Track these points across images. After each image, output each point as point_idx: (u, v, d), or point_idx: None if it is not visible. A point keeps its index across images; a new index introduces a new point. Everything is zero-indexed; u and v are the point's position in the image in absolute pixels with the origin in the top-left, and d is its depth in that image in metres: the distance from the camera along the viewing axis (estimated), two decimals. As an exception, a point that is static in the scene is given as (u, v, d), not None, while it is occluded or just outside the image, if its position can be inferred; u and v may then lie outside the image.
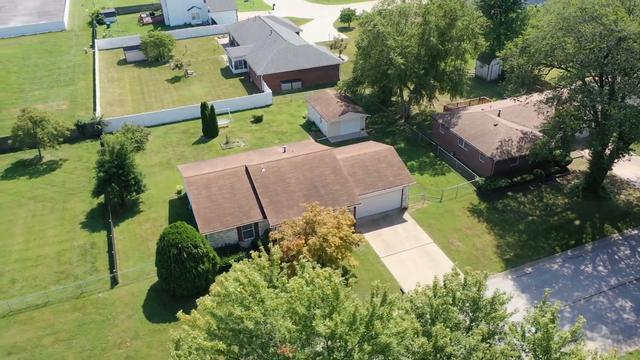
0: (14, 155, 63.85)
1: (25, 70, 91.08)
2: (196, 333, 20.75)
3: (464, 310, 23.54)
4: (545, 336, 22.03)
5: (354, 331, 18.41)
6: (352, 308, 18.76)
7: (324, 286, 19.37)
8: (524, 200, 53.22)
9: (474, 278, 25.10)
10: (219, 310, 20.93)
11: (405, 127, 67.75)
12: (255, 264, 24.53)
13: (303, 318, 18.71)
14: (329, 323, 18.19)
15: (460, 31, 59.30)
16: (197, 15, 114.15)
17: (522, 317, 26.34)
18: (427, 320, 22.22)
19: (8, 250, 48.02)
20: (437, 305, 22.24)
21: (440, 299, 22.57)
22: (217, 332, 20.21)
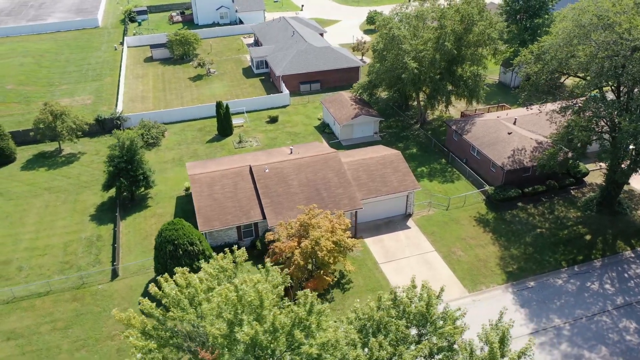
0: (36, 147, 66.13)
1: (57, 65, 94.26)
2: (128, 332, 20.99)
3: (413, 324, 22.90)
4: (490, 356, 21.21)
5: (276, 340, 18.20)
6: (271, 317, 18.52)
7: (246, 292, 19.25)
8: (534, 212, 51.63)
9: (424, 291, 24.28)
10: (157, 311, 21.08)
11: (419, 132, 66.81)
12: (218, 266, 24.56)
13: (229, 324, 18.64)
14: (247, 330, 18.08)
15: (477, 36, 58.01)
16: (225, 14, 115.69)
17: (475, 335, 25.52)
18: (369, 332, 21.74)
19: (19, 238, 49.76)
20: (379, 317, 21.72)
21: (382, 311, 22.04)
22: (152, 333, 20.39)
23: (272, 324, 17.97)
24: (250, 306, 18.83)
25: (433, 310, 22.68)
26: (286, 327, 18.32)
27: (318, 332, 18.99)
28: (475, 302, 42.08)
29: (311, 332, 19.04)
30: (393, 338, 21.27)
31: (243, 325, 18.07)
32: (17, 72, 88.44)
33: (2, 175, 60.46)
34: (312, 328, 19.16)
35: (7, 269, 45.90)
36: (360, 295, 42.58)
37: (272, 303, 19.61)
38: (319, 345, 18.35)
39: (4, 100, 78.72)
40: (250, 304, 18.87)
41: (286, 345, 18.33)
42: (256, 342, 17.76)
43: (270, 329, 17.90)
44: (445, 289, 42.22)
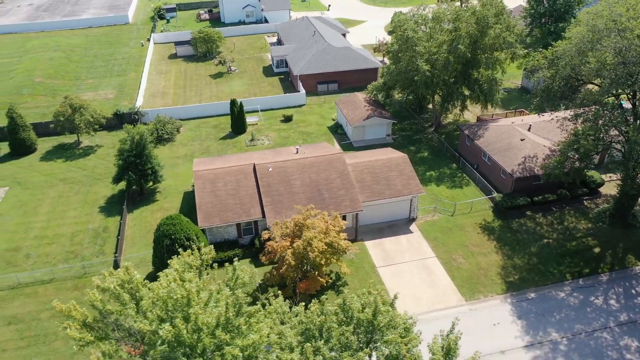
0: (57, 138, 68.23)
1: (85, 59, 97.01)
2: (67, 323, 21.39)
3: (360, 331, 22.45)
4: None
5: (200, 340, 18.17)
6: (194, 316, 18.52)
7: (173, 290, 19.30)
8: (543, 221, 50.16)
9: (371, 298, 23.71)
10: (100, 304, 21.42)
11: (433, 135, 65.84)
12: (184, 262, 24.79)
13: (159, 320, 18.79)
14: (168, 327, 18.13)
15: (493, 40, 56.71)
16: (251, 13, 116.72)
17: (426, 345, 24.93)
18: (311, 336, 21.41)
19: (30, 227, 51.46)
20: (320, 322, 21.37)
21: (323, 317, 21.68)
22: (92, 325, 20.75)
23: (195, 323, 18.03)
24: (176, 304, 18.95)
25: (380, 319, 22.25)
26: (210, 327, 18.35)
27: (249, 334, 18.97)
28: (471, 311, 41.22)
29: (241, 333, 19.02)
30: (336, 344, 20.96)
31: (167, 322, 18.24)
32: (47, 65, 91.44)
33: (22, 165, 62.64)
34: (242, 329, 19.12)
35: (15, 256, 47.54)
36: (354, 298, 42.24)
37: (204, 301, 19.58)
38: (243, 347, 18.27)
39: (32, 92, 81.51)
40: (177, 302, 18.98)
41: (216, 345, 18.37)
42: (180, 340, 17.87)
43: (194, 328, 17.98)
44: (440, 296, 42.06)
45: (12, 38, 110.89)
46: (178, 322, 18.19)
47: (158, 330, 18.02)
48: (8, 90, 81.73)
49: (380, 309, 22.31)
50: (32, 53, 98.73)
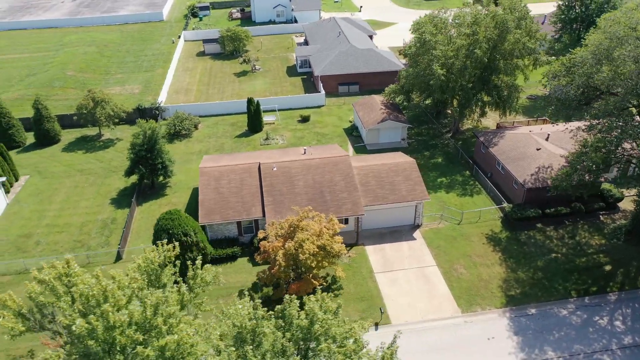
0: (80, 130, 70.39)
1: (117, 55, 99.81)
2: (1, 312, 21.74)
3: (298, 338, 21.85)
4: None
5: (112, 338, 18.13)
6: (105, 313, 18.47)
7: (92, 287, 19.31)
8: (553, 234, 48.27)
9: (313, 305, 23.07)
10: (37, 296, 21.67)
11: (449, 141, 64.40)
12: (144, 258, 24.97)
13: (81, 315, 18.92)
14: (80, 322, 18.18)
15: (512, 45, 54.95)
16: (281, 13, 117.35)
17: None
18: (242, 340, 20.97)
19: (44, 215, 53.24)
20: (251, 326, 20.89)
21: (253, 322, 21.19)
22: (28, 315, 21.05)
23: (106, 320, 18.08)
24: (90, 300, 19.03)
25: (316, 327, 21.65)
26: (124, 326, 18.31)
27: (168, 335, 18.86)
28: (467, 323, 40.08)
29: (159, 333, 18.91)
30: (269, 349, 20.54)
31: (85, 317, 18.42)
32: (80, 59, 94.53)
33: (44, 155, 64.95)
34: (162, 329, 19.03)
35: (26, 242, 49.28)
36: (348, 303, 41.80)
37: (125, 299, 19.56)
38: (158, 347, 18.15)
39: (63, 85, 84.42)
40: (92, 298, 19.04)
41: (134, 344, 18.36)
42: (94, 336, 17.94)
43: (106, 325, 18.02)
44: (436, 306, 41.04)
45: (52, 32, 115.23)
46: (92, 318, 18.37)
47: (72, 325, 18.26)
48: (42, 82, 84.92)
49: (317, 317, 21.79)
50: (68, 47, 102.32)
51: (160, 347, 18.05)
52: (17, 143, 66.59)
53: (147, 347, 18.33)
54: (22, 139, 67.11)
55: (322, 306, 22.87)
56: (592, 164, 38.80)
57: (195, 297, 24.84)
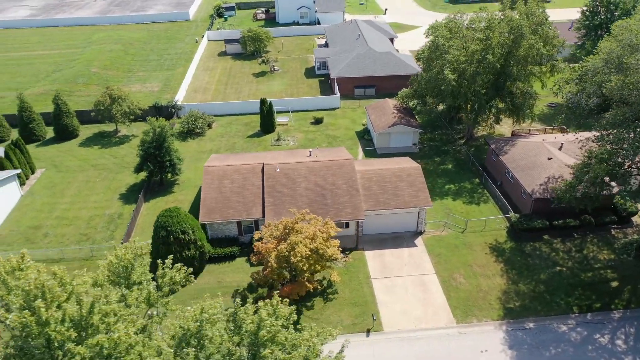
0: (99, 126, 72.10)
1: (141, 53, 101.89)
2: None
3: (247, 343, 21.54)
4: None
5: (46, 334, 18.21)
6: (38, 309, 18.55)
7: (30, 282, 19.47)
8: (560, 247, 46.81)
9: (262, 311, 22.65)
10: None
11: (461, 148, 63.25)
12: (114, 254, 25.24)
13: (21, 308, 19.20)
14: (14, 317, 18.36)
15: (526, 51, 53.58)
16: (305, 14, 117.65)
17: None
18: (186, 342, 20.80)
19: (54, 207, 54.67)
20: (192, 329, 20.68)
21: (197, 324, 20.95)
22: None
23: (39, 316, 18.26)
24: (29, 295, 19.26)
25: (263, 332, 21.32)
26: (57, 322, 18.46)
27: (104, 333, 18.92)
28: (460, 334, 39.23)
29: (95, 331, 18.97)
30: (213, 353, 20.36)
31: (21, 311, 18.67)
32: (105, 57, 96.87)
33: (62, 149, 66.74)
34: (99, 328, 19.10)
35: (35, 234, 50.70)
36: (341, 308, 41.53)
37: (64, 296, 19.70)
38: (91, 345, 18.21)
39: (86, 81, 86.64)
40: (30, 293, 19.28)
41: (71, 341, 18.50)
42: (29, 331, 18.18)
43: (38, 321, 18.22)
44: (430, 314, 40.31)
45: (83, 30, 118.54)
46: (26, 313, 18.65)
47: (5, 319, 18.59)
48: (66, 78, 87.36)
49: (265, 323, 21.54)
50: (95, 44, 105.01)
51: (93, 345, 18.24)
52: (37, 137, 68.63)
53: (81, 344, 18.55)
54: (42, 133, 69.12)
55: (275, 311, 22.69)
56: (596, 176, 37.40)
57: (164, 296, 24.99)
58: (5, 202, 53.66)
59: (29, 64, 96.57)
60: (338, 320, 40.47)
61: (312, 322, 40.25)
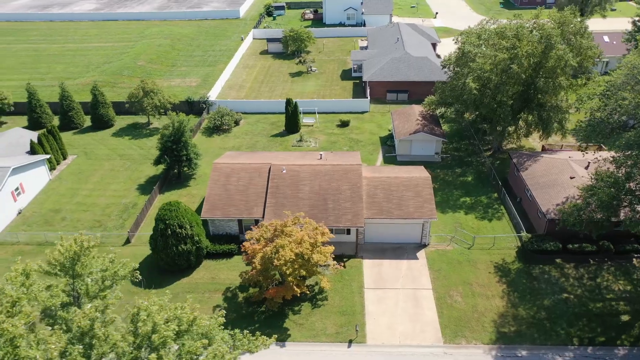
0: (134, 118, 74.91)
1: (187, 48, 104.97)
2: None
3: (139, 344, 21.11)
4: None
5: None
6: None
7: None
8: (571, 273, 43.83)
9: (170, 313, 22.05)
10: None
11: (485, 160, 60.59)
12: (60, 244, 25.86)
13: None
14: None
15: (555, 62, 50.49)
16: (352, 16, 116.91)
17: None
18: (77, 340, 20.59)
19: (76, 193, 57.31)
20: (84, 327, 20.42)
21: (88, 322, 20.68)
22: None
23: None
24: None
25: (155, 336, 20.88)
26: None
27: None
28: (446, 354, 37.62)
29: None
30: (106, 351, 20.16)
31: None
32: (153, 51, 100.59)
33: (95, 138, 69.90)
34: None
35: (54, 217, 53.36)
36: (328, 316, 40.91)
37: None
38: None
39: (131, 74, 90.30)
40: None
41: None
42: None
43: None
44: (418, 331, 38.88)
45: (138, 25, 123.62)
46: None
47: None
48: (113, 70, 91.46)
49: (160, 327, 21.22)
50: (147, 39, 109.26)
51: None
52: (76, 125, 72.24)
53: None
54: (80, 121, 72.66)
55: (177, 316, 22.48)
56: (602, 200, 34.58)
57: (105, 289, 25.46)
58: (34, 184, 56.81)
59: (83, 55, 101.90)
60: (322, 327, 39.88)
61: (296, 326, 40.07)
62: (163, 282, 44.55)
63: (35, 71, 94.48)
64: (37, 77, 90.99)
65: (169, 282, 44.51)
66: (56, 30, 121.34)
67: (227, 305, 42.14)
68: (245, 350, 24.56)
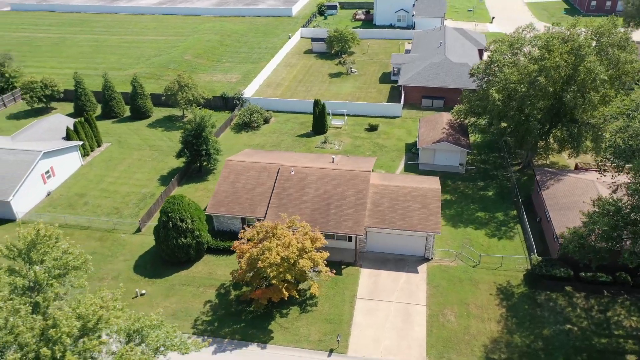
0: (170, 110, 77.45)
1: (235, 45, 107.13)
2: None
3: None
4: None
5: None
6: None
7: None
8: (580, 303, 40.85)
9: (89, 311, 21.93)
10: None
11: (511, 175, 57.63)
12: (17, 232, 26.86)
13: None
14: None
15: (584, 75, 47.13)
16: (402, 18, 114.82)
17: None
18: None
19: (103, 179, 60.00)
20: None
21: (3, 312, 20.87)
22: None
23: None
24: None
25: (53, 332, 20.84)
26: None
27: None
28: (427, 375, 36.20)
29: None
30: (9, 341, 20.46)
31: None
32: (201, 46, 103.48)
33: (131, 128, 72.88)
34: None
35: (77, 201, 56.16)
36: (314, 322, 40.50)
37: None
38: None
39: (176, 67, 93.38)
40: None
41: None
42: None
43: None
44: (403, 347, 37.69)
45: (194, 20, 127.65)
46: None
47: None
48: (160, 63, 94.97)
49: (61, 323, 21.33)
50: (198, 34, 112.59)
51: None
52: (116, 114, 75.62)
53: None
54: (120, 110, 75.97)
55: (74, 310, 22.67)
56: (599, 230, 31.85)
57: (56, 278, 26.32)
58: (65, 169, 60.05)
59: (137, 48, 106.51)
60: (306, 333, 39.51)
61: (280, 330, 39.95)
62: (163, 272, 45.81)
63: (92, 61, 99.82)
64: (92, 66, 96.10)
65: (168, 273, 45.71)
66: (119, 22, 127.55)
67: (218, 302, 42.67)
68: (174, 350, 24.75)
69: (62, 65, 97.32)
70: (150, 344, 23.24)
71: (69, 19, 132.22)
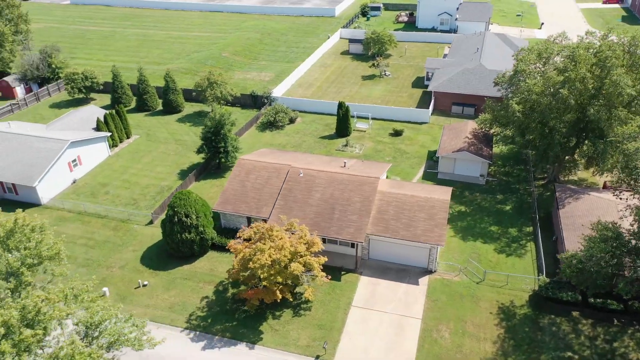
0: (201, 105, 78.96)
1: (274, 43, 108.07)
2: None
3: None
4: None
5: None
6: None
7: None
8: (586, 330, 38.62)
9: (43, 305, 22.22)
10: None
11: (533, 189, 55.18)
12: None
13: None
14: None
15: (609, 87, 44.40)
16: (445, 21, 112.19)
17: None
18: None
19: (126, 171, 62.05)
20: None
21: None
22: None
23: None
24: None
25: None
26: None
27: None
28: (410, 391, 35.31)
29: None
30: None
31: None
32: (240, 43, 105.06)
33: (161, 121, 74.97)
34: None
35: (99, 190, 58.36)
36: (305, 327, 40.36)
37: None
38: None
39: (213, 64, 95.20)
40: None
41: None
42: None
43: None
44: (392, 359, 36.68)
45: (239, 17, 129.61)
46: None
47: None
48: (199, 59, 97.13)
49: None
50: (240, 31, 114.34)
51: None
52: (149, 107, 78.01)
53: None
54: (153, 104, 78.31)
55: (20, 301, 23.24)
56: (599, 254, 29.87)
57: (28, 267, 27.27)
58: (93, 158, 62.57)
59: (180, 43, 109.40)
60: (295, 337, 39.42)
61: (271, 331, 40.04)
62: (167, 265, 46.92)
63: (136, 55, 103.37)
64: (135, 60, 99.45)
65: (171, 266, 46.76)
66: (168, 17, 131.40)
67: (215, 298, 43.25)
68: (128, 346, 25.19)
69: (108, 57, 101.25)
70: (106, 337, 23.91)
71: (122, 13, 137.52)
